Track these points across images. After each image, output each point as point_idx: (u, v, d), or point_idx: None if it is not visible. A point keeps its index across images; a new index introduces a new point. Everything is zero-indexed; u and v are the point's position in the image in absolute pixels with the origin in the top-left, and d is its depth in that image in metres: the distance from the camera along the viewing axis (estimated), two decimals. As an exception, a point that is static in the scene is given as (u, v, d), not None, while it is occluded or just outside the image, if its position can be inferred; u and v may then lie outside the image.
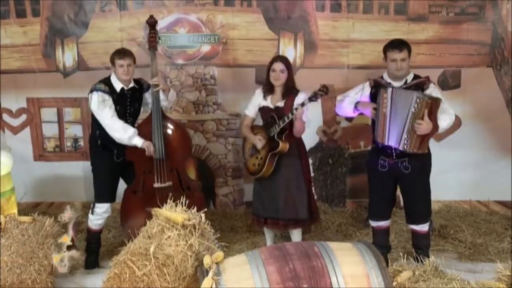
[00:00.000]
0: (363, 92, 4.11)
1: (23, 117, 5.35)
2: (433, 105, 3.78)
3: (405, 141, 3.81)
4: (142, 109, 4.51)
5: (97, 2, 5.09)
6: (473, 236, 4.58)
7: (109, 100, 4.19)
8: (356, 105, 4.06)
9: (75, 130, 5.36)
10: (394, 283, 3.24)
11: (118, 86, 4.25)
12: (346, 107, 4.14)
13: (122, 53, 4.24)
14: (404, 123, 3.80)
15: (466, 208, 5.21)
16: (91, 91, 4.22)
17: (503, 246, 4.41)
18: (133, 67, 4.26)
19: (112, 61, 4.24)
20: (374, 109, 3.96)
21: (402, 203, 4.51)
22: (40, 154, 5.41)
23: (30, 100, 5.31)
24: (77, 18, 5.13)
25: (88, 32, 5.14)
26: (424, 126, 3.75)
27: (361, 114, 4.12)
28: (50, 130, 5.37)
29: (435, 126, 3.81)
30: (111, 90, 4.22)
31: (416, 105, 3.74)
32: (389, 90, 3.89)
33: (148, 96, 4.44)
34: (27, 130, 5.38)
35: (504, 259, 4.04)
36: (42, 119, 5.35)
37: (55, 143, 5.40)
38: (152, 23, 4.43)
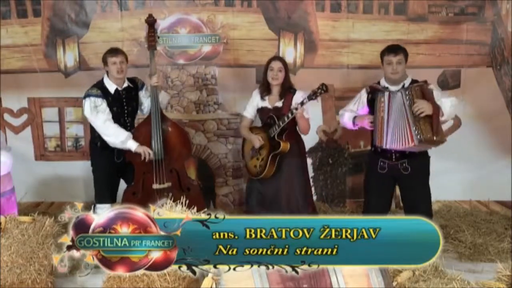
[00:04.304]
0: (360, 100, 4.10)
1: (24, 116, 5.36)
2: (423, 89, 3.78)
3: (416, 133, 3.74)
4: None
5: (98, 2, 5.10)
6: (473, 236, 4.56)
7: (101, 104, 4.15)
8: (354, 120, 4.06)
9: (76, 130, 5.37)
10: (394, 283, 3.25)
11: (112, 87, 4.22)
12: (347, 122, 4.14)
13: (114, 51, 4.23)
14: (406, 119, 3.78)
15: (466, 208, 5.19)
16: (84, 97, 4.20)
17: (503, 246, 4.39)
18: (126, 65, 4.23)
19: (105, 60, 4.21)
20: (371, 122, 3.95)
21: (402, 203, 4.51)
22: (41, 154, 5.41)
23: (32, 100, 5.32)
24: (78, 18, 5.14)
25: (89, 32, 5.15)
26: (421, 104, 3.72)
27: (362, 128, 4.08)
28: (51, 129, 5.37)
29: (436, 106, 3.77)
30: (104, 93, 4.18)
31: (407, 97, 3.75)
32: (386, 94, 3.89)
33: (142, 96, 4.40)
34: (28, 129, 5.38)
35: (504, 259, 4.03)
36: (43, 118, 5.35)
37: (56, 143, 5.40)
38: (151, 22, 4.39)
